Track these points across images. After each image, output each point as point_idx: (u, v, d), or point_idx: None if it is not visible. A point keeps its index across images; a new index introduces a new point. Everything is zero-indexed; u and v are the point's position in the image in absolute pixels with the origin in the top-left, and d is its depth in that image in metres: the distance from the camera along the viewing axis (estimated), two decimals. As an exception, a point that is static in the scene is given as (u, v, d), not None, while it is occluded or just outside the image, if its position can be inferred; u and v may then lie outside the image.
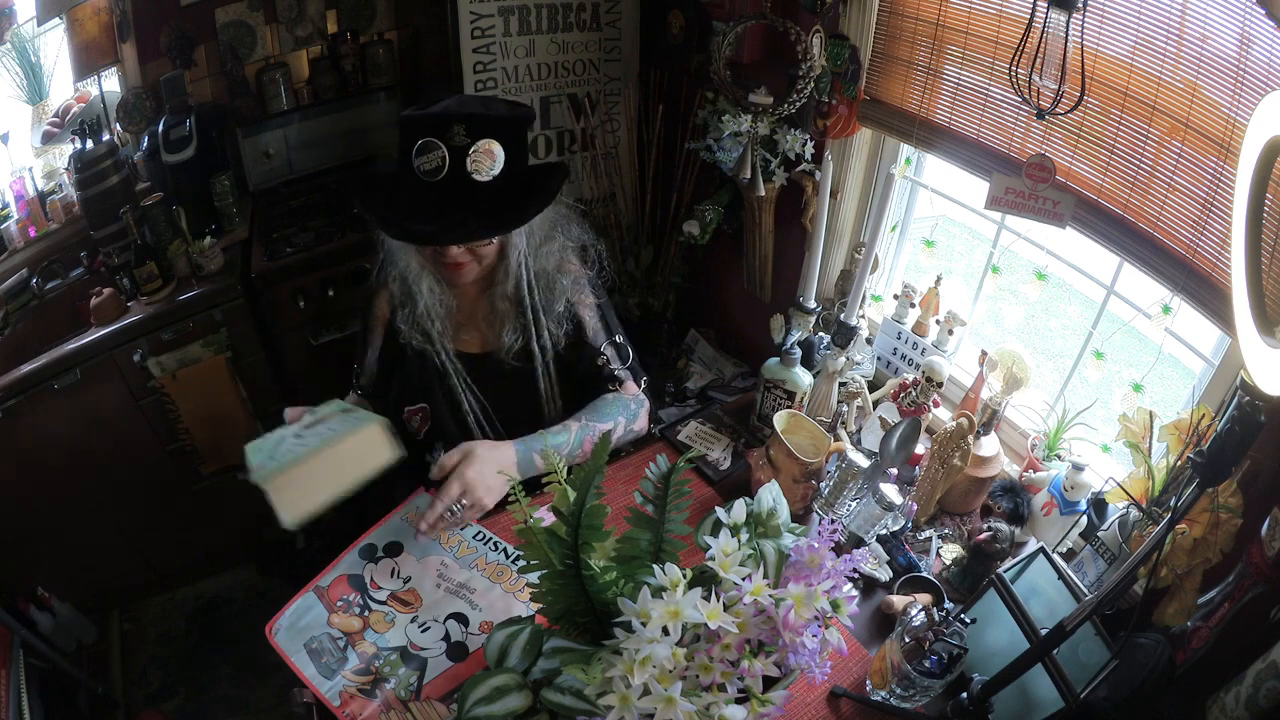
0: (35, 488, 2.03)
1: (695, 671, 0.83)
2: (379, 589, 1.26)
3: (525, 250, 1.35)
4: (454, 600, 1.25)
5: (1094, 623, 1.09)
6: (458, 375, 1.41)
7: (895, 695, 1.13)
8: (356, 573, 1.28)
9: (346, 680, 1.13)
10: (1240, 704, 0.95)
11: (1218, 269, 1.14)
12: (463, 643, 1.19)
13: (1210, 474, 0.90)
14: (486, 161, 1.21)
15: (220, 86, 2.21)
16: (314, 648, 1.17)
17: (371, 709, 1.09)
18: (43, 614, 2.06)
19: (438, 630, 1.20)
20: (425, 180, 1.20)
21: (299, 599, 1.24)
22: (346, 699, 1.10)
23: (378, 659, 1.16)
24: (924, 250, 1.74)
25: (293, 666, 1.14)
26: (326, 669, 1.14)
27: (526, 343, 1.40)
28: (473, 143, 1.19)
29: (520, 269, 1.35)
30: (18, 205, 2.08)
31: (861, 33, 1.58)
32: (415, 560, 1.31)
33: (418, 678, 1.14)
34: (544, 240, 1.37)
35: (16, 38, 1.96)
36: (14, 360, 1.94)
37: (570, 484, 0.89)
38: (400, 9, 2.37)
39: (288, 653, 1.16)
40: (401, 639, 1.19)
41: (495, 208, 1.24)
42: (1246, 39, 1.02)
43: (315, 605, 1.23)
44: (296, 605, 1.23)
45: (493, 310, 1.40)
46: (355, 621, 1.20)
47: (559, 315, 1.40)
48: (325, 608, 1.23)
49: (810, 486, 1.43)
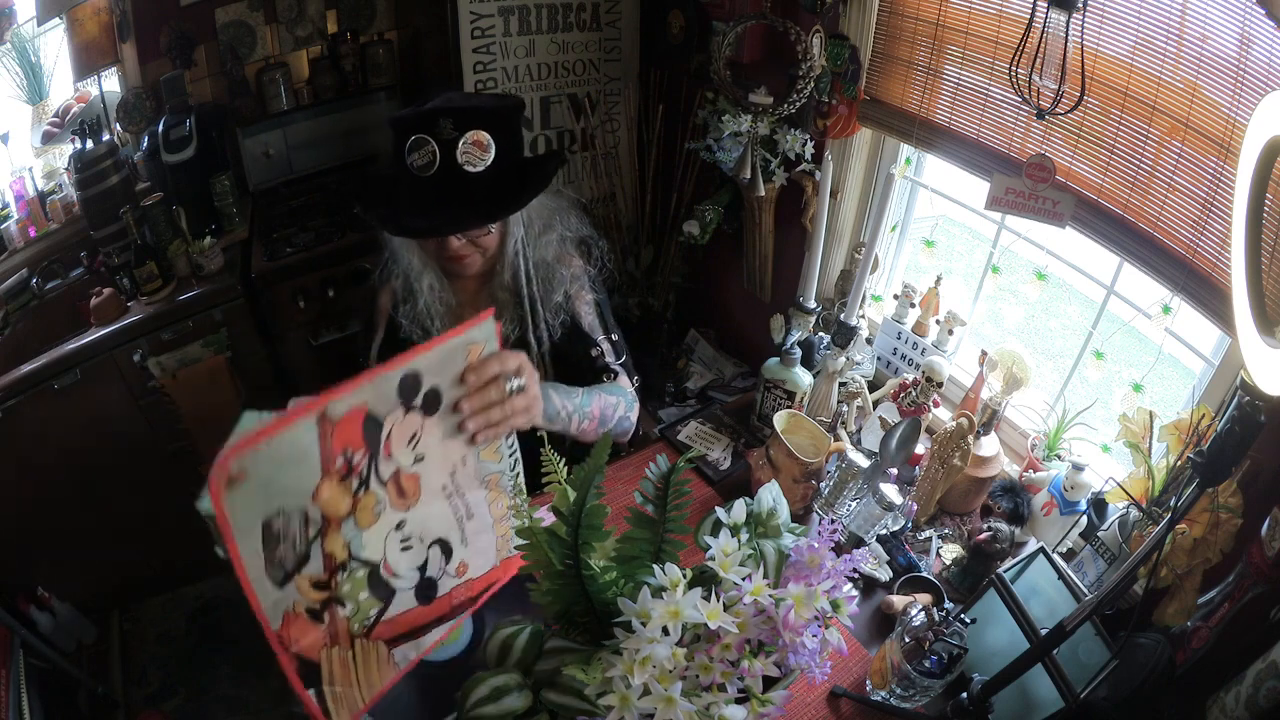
0: (35, 488, 2.03)
1: (695, 671, 0.83)
2: (389, 458, 0.87)
3: (523, 240, 1.35)
4: (448, 517, 0.96)
5: (1094, 623, 1.09)
6: None
7: (895, 695, 1.13)
8: (379, 414, 0.85)
9: (298, 593, 0.78)
10: (1240, 704, 0.95)
11: (1218, 269, 1.14)
12: (434, 581, 0.94)
13: (1210, 474, 0.90)
14: (477, 152, 1.22)
15: (220, 86, 2.21)
16: (276, 528, 0.75)
17: (312, 638, 0.79)
18: (43, 614, 2.06)
19: (418, 554, 0.92)
20: (420, 176, 1.22)
21: (286, 425, 0.74)
22: (288, 620, 0.77)
23: (342, 570, 0.83)
24: (924, 250, 1.74)
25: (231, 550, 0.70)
26: (278, 567, 0.75)
27: (523, 333, 1.40)
28: (461, 135, 1.21)
29: (518, 258, 1.36)
30: (18, 205, 2.08)
31: (861, 33, 1.58)
32: (440, 436, 0.94)
33: (378, 612, 0.87)
34: (543, 230, 1.38)
35: (16, 38, 1.96)
36: (14, 360, 1.94)
37: (570, 484, 0.89)
38: (400, 9, 2.37)
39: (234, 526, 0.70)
40: (378, 551, 0.87)
41: (489, 197, 1.25)
42: (1246, 39, 1.02)
43: (309, 446, 0.77)
44: (278, 437, 0.73)
45: (492, 301, 1.40)
46: (345, 501, 0.82)
47: (556, 306, 1.40)
48: (320, 460, 0.77)
49: (810, 486, 1.43)
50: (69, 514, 2.11)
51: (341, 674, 0.82)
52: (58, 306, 2.07)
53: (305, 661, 0.79)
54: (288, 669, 0.77)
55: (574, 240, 1.42)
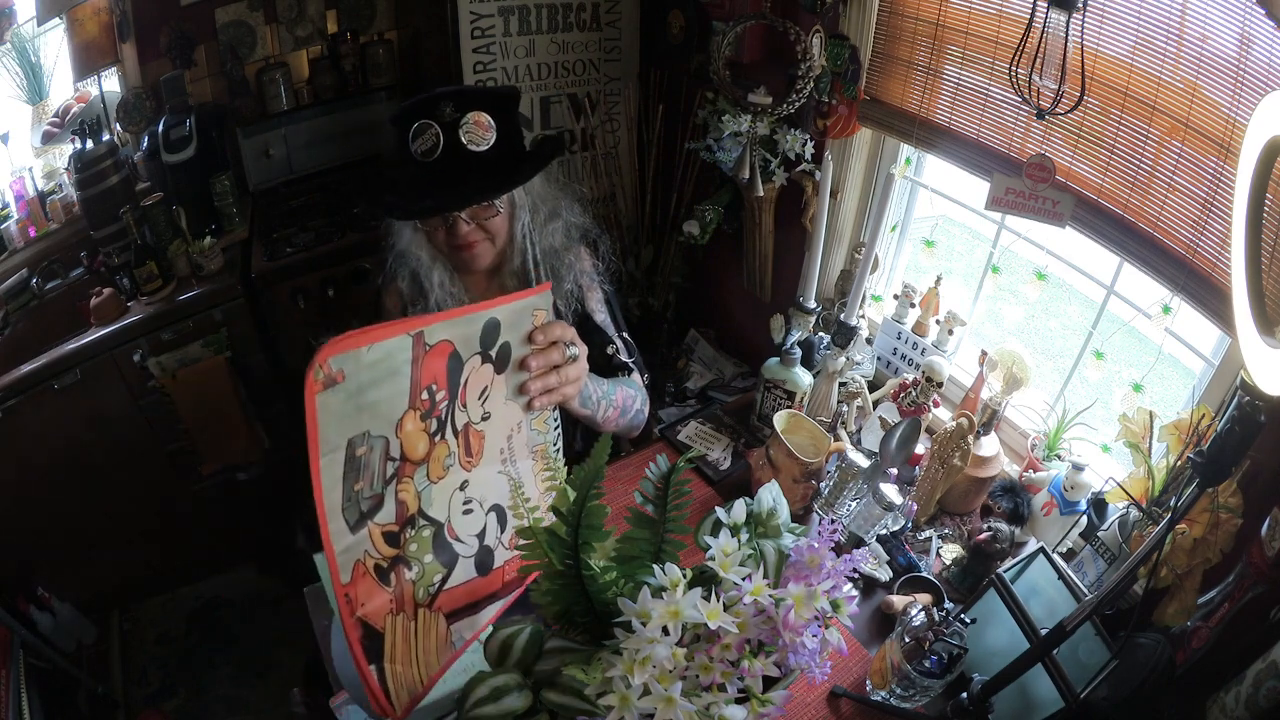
0: (35, 488, 2.04)
1: (695, 671, 0.83)
2: (463, 408, 0.85)
3: (529, 225, 1.36)
4: (503, 485, 0.94)
5: (1094, 623, 1.09)
6: None
7: (895, 695, 1.13)
8: (462, 355, 0.83)
9: (370, 544, 0.72)
10: (1240, 704, 0.95)
11: (1218, 269, 1.14)
12: (491, 551, 0.91)
13: (1210, 474, 0.90)
14: (478, 131, 1.23)
15: (220, 86, 2.21)
16: (359, 455, 0.70)
17: (379, 601, 0.74)
18: (43, 614, 2.06)
19: (477, 520, 0.89)
20: (424, 162, 1.22)
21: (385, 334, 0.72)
22: (357, 575, 0.71)
23: (411, 525, 0.78)
24: (924, 250, 1.74)
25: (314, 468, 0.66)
26: (355, 506, 0.70)
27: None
28: (462, 116, 1.21)
29: (526, 243, 1.36)
30: (18, 205, 2.08)
31: (861, 33, 1.58)
32: (503, 398, 0.94)
33: (441, 579, 0.82)
34: (549, 218, 1.38)
35: (16, 38, 1.96)
36: (14, 360, 1.94)
37: (570, 484, 0.89)
38: (400, 9, 2.37)
39: (323, 435, 0.66)
40: (443, 510, 0.84)
41: (494, 173, 1.26)
42: (1246, 39, 1.02)
43: (404, 365, 0.75)
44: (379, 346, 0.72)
45: (502, 292, 1.40)
46: (423, 443, 0.78)
47: (567, 294, 1.41)
48: (410, 383, 0.75)
49: (810, 486, 1.43)
50: (69, 514, 2.11)
51: (404, 649, 0.77)
52: (58, 306, 2.06)
53: (370, 630, 0.73)
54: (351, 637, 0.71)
55: (579, 229, 1.42)
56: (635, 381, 1.43)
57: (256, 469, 2.34)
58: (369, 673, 0.72)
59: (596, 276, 1.45)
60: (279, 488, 2.41)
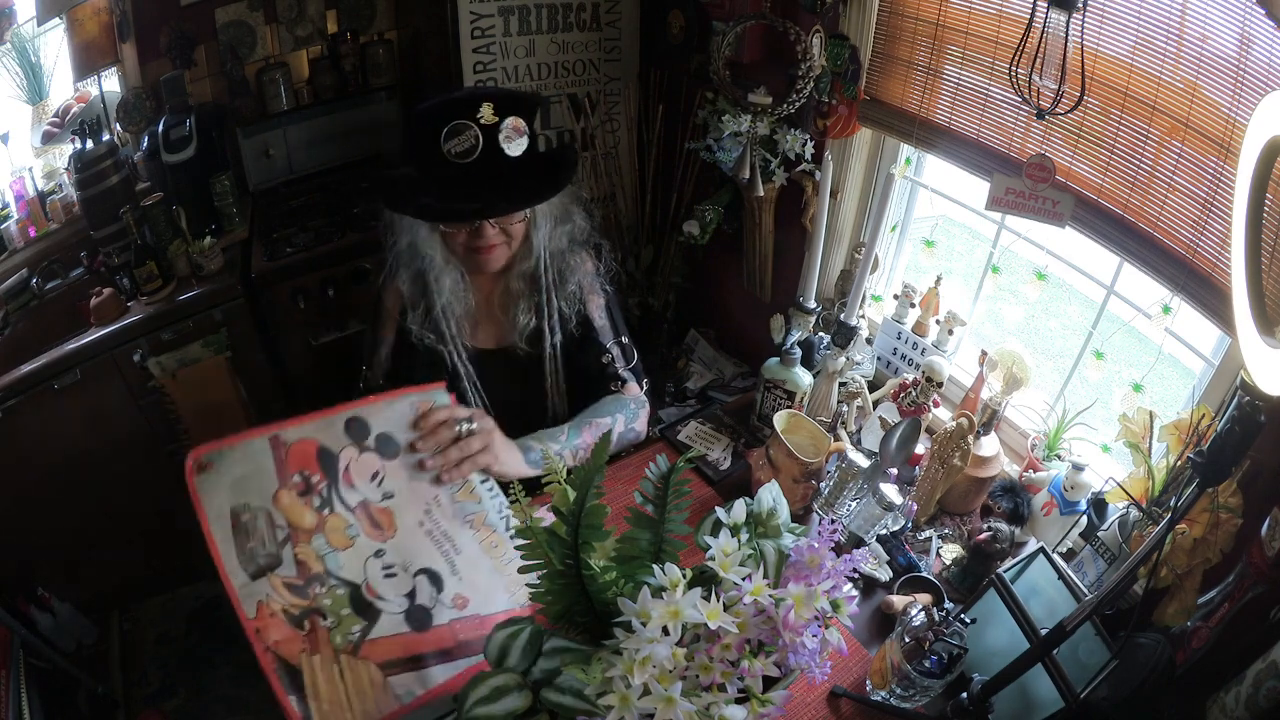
0: (36, 488, 2.03)
1: (695, 671, 0.83)
2: (352, 487, 0.97)
3: (548, 230, 1.35)
4: (432, 551, 1.01)
5: (1094, 623, 1.09)
6: (468, 377, 1.41)
7: (895, 695, 1.13)
8: (332, 449, 0.96)
9: (272, 590, 0.85)
10: (1240, 704, 0.95)
11: (1218, 269, 1.14)
12: (428, 610, 0.97)
13: (1210, 474, 0.90)
14: (516, 137, 1.23)
15: (220, 86, 2.21)
16: (244, 520, 0.86)
17: (289, 639, 0.85)
18: (43, 614, 2.06)
19: (403, 583, 0.97)
20: (457, 163, 1.21)
21: (246, 438, 0.91)
22: (264, 613, 0.84)
23: (320, 583, 0.89)
24: (924, 250, 1.74)
25: (205, 528, 0.84)
26: (250, 559, 0.85)
27: (539, 322, 1.40)
28: (502, 120, 1.21)
29: (541, 247, 1.36)
30: (18, 205, 2.08)
31: (861, 33, 1.58)
32: (406, 478, 1.03)
33: (362, 631, 0.90)
34: (559, 221, 1.38)
35: (16, 38, 1.96)
36: (14, 360, 1.94)
37: (570, 484, 0.89)
38: (400, 9, 2.37)
39: (205, 505, 0.85)
40: (358, 573, 0.94)
41: (528, 179, 1.26)
42: (1246, 39, 1.02)
43: (264, 459, 0.90)
44: (240, 446, 0.89)
45: (507, 293, 1.40)
46: (309, 515, 0.91)
47: (570, 295, 1.41)
48: (275, 472, 0.90)
49: (810, 486, 1.43)
50: (69, 514, 2.11)
51: (329, 690, 0.85)
52: (58, 306, 2.06)
53: (285, 663, 0.85)
54: (265, 665, 0.83)
55: (583, 232, 1.43)
56: (622, 399, 1.43)
57: (256, 469, 2.34)
58: (288, 702, 0.83)
59: (598, 279, 1.46)
60: (279, 488, 2.42)
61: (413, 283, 1.37)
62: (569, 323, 1.43)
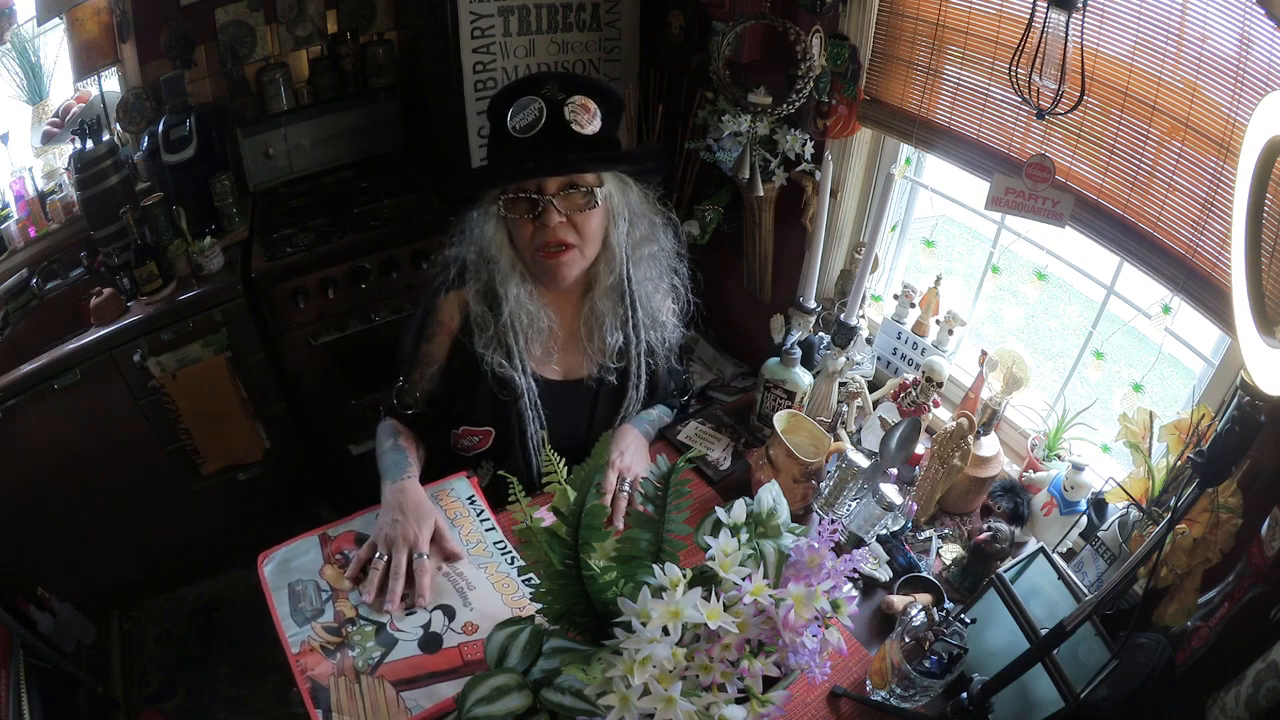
0: (35, 488, 2.03)
1: (695, 671, 0.83)
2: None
3: (626, 238, 1.28)
4: (449, 591, 1.20)
5: (1094, 623, 1.09)
6: (531, 404, 1.35)
7: (895, 695, 1.13)
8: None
9: (314, 633, 1.10)
10: (1240, 704, 0.95)
11: (1218, 269, 1.14)
12: (439, 635, 1.13)
13: (1210, 474, 0.89)
14: (583, 115, 1.16)
15: (220, 86, 2.21)
16: (297, 589, 1.16)
17: (323, 668, 1.06)
18: (43, 614, 2.06)
19: (421, 617, 1.15)
20: (521, 138, 1.15)
21: (302, 539, 1.24)
22: (306, 650, 1.08)
23: (352, 624, 1.12)
24: (924, 250, 1.74)
25: (269, 601, 1.14)
26: (300, 615, 1.13)
27: (626, 342, 1.36)
28: (567, 96, 1.16)
29: (622, 254, 1.29)
30: (18, 205, 2.08)
31: (861, 33, 1.58)
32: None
33: (381, 654, 1.09)
34: (643, 239, 1.31)
35: (16, 38, 1.96)
36: (14, 360, 1.94)
37: (570, 484, 0.89)
38: (400, 9, 2.37)
39: (271, 587, 1.16)
40: (386, 615, 1.16)
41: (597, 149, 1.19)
42: (1246, 39, 1.02)
43: (314, 550, 1.23)
44: (296, 545, 1.23)
45: (592, 313, 1.34)
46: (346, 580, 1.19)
47: (653, 319, 1.39)
48: (323, 556, 1.22)
49: (810, 486, 1.43)
50: (69, 514, 2.11)
51: (349, 703, 1.03)
52: (58, 306, 2.06)
53: (317, 685, 1.04)
54: (302, 687, 1.03)
55: (668, 258, 1.38)
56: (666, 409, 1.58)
57: (256, 469, 2.34)
58: (315, 714, 1.01)
59: (679, 326, 1.47)
60: (279, 488, 2.42)
61: (481, 297, 1.28)
62: (658, 344, 1.43)
